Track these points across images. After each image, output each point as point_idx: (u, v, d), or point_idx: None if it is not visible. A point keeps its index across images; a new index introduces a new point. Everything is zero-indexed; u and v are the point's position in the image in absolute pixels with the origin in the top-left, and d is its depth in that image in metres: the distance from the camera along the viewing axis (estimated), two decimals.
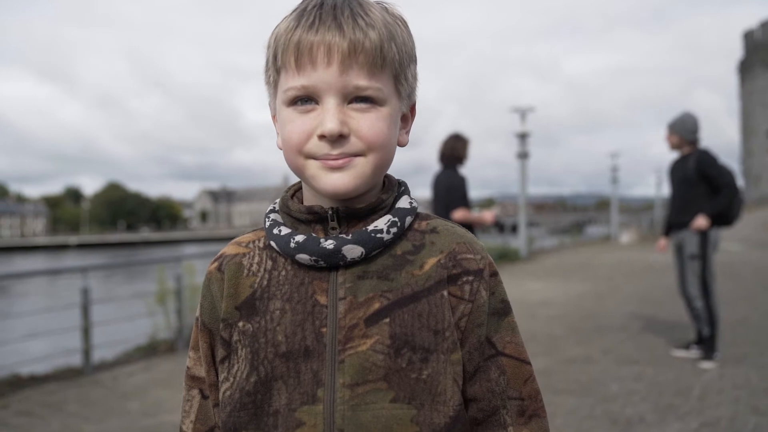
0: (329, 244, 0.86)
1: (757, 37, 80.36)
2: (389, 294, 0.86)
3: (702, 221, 5.05)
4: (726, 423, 3.74)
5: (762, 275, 11.29)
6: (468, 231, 0.97)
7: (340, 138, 0.83)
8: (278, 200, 0.97)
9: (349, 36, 0.82)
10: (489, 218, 5.24)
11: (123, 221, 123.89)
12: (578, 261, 16.14)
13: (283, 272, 0.90)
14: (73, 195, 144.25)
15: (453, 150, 5.21)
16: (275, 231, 0.91)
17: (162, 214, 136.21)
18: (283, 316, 0.87)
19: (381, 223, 0.88)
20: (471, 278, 0.89)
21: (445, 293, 0.88)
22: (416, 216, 0.94)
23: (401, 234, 0.90)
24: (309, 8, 0.85)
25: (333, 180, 0.84)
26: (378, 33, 0.83)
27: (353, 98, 0.84)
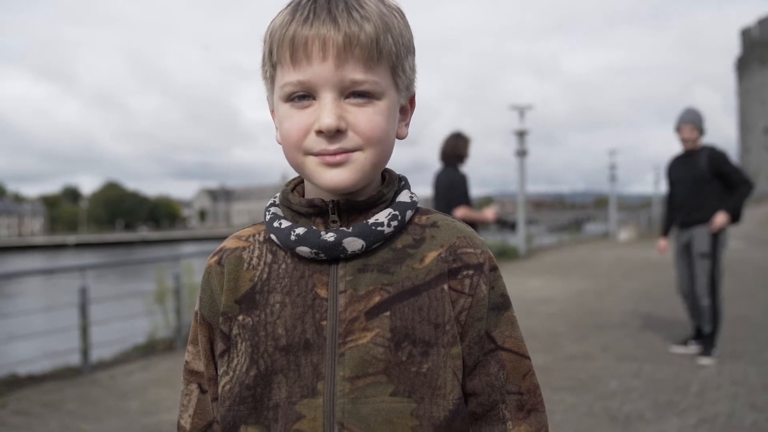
0: (330, 237, 0.85)
1: (755, 35, 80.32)
2: (390, 287, 0.86)
3: (723, 218, 5.02)
4: (724, 419, 3.75)
5: (761, 272, 11.31)
6: (468, 226, 0.96)
7: (338, 133, 0.83)
8: (278, 194, 0.96)
9: (344, 29, 0.81)
10: (491, 215, 5.26)
11: (121, 220, 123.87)
12: (577, 258, 16.18)
13: (283, 265, 0.89)
14: (71, 194, 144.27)
15: (454, 148, 5.23)
16: (276, 224, 0.90)
17: (160, 213, 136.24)
18: (283, 310, 0.87)
19: (382, 217, 0.88)
20: (471, 272, 0.89)
21: (446, 287, 0.88)
22: (416, 210, 0.93)
23: (402, 228, 0.90)
24: (304, 2, 0.84)
25: (332, 176, 0.84)
26: (373, 25, 0.83)
27: (350, 92, 0.84)
